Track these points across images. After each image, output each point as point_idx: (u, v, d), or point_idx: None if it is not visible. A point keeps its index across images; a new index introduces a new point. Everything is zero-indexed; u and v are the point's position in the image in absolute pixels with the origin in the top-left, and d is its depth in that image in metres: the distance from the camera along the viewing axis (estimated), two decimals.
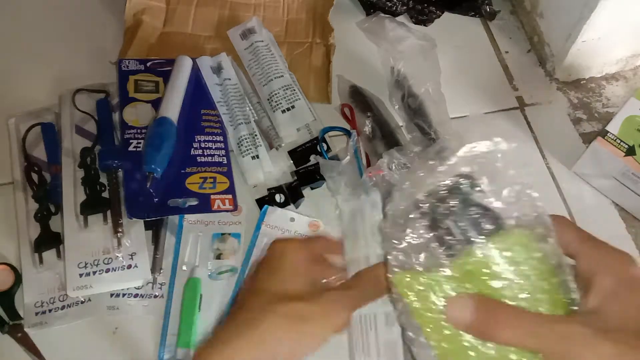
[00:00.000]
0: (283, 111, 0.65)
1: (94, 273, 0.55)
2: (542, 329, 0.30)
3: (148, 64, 0.66)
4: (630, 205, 0.63)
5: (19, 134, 0.63)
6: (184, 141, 0.61)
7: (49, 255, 0.57)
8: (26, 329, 0.54)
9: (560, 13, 0.71)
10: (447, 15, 0.77)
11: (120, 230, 0.57)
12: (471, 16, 0.78)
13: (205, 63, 0.68)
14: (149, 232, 0.58)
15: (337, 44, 0.72)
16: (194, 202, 0.58)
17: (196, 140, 0.63)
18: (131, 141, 0.61)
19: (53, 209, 0.59)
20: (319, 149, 0.64)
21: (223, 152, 0.63)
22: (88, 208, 0.58)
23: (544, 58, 0.75)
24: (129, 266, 0.56)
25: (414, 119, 0.65)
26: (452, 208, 0.32)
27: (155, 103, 0.63)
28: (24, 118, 0.64)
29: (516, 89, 0.73)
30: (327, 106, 0.69)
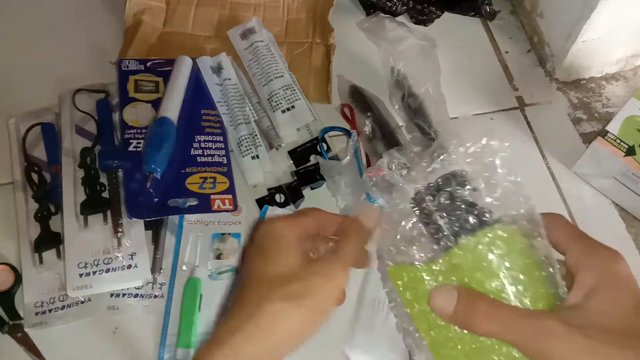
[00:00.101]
0: (283, 111, 0.65)
1: (94, 273, 0.55)
2: (518, 323, 0.31)
3: (148, 64, 0.66)
4: (630, 205, 0.63)
5: (19, 134, 0.63)
6: (184, 141, 0.61)
7: (49, 255, 0.57)
8: (26, 329, 0.54)
9: (560, 13, 0.71)
10: (447, 15, 0.77)
11: (120, 230, 0.57)
12: (471, 16, 0.78)
13: (205, 63, 0.68)
14: (149, 232, 0.58)
15: (337, 44, 0.72)
16: (194, 202, 0.58)
17: (196, 140, 0.63)
18: (131, 141, 0.61)
19: (53, 209, 0.59)
20: (319, 149, 0.64)
21: (223, 152, 0.63)
22: (88, 208, 0.58)
23: (544, 58, 0.75)
24: (129, 266, 0.56)
25: (414, 119, 0.65)
26: (442, 205, 0.34)
27: (155, 103, 0.63)
28: (24, 118, 0.64)
29: (516, 89, 0.73)
30: (327, 106, 0.69)
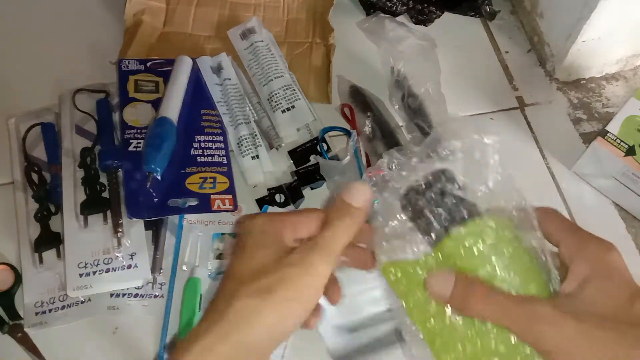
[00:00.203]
0: (283, 111, 0.65)
1: (94, 273, 0.55)
2: (513, 308, 0.32)
3: (148, 64, 0.66)
4: (630, 205, 0.63)
5: (19, 134, 0.63)
6: (184, 141, 0.61)
7: (49, 255, 0.57)
8: (26, 329, 0.54)
9: (560, 13, 0.71)
10: (447, 15, 0.77)
11: (120, 230, 0.57)
12: (471, 16, 0.78)
13: (205, 63, 0.68)
14: (149, 232, 0.58)
15: (337, 44, 0.72)
16: (194, 202, 0.58)
17: (196, 140, 0.63)
18: (131, 141, 0.61)
19: (53, 209, 0.59)
20: (319, 149, 0.64)
21: (223, 152, 0.63)
22: (88, 208, 0.58)
23: (544, 58, 0.75)
24: (129, 266, 0.56)
25: (414, 119, 0.65)
26: (432, 199, 0.35)
27: (155, 103, 0.63)
28: (24, 118, 0.64)
29: (516, 89, 0.73)
30: (327, 106, 0.69)
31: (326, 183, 0.63)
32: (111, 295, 0.55)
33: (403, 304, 0.36)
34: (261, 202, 0.62)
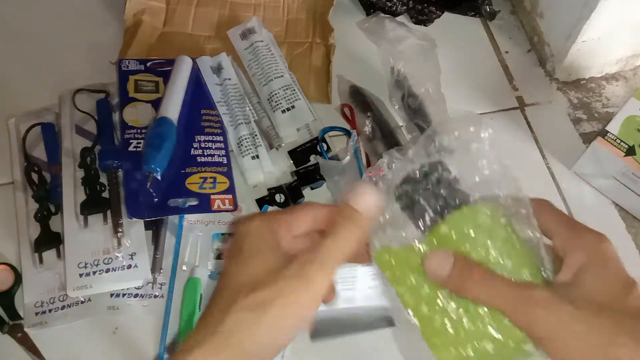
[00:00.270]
0: (283, 111, 0.65)
1: (94, 273, 0.55)
2: (510, 291, 0.32)
3: (148, 64, 0.66)
4: (630, 205, 0.63)
5: (19, 134, 0.63)
6: (184, 141, 0.61)
7: (49, 255, 0.57)
8: (26, 329, 0.54)
9: (560, 13, 0.71)
10: (447, 15, 0.77)
11: (120, 230, 0.57)
12: (471, 16, 0.78)
13: (205, 63, 0.68)
14: (149, 232, 0.58)
15: (337, 44, 0.72)
16: (194, 202, 0.58)
17: (196, 140, 0.63)
18: (131, 141, 0.61)
19: (53, 209, 0.59)
20: (319, 149, 0.64)
21: (223, 152, 0.63)
22: (88, 208, 0.58)
23: (544, 58, 0.75)
24: (129, 266, 0.56)
25: (414, 119, 0.65)
26: (427, 188, 0.35)
27: (155, 103, 0.63)
28: (24, 118, 0.64)
29: (516, 89, 0.73)
30: (327, 106, 0.69)
31: (326, 183, 0.63)
32: (111, 295, 0.56)
33: (395, 290, 0.36)
34: (261, 202, 0.62)
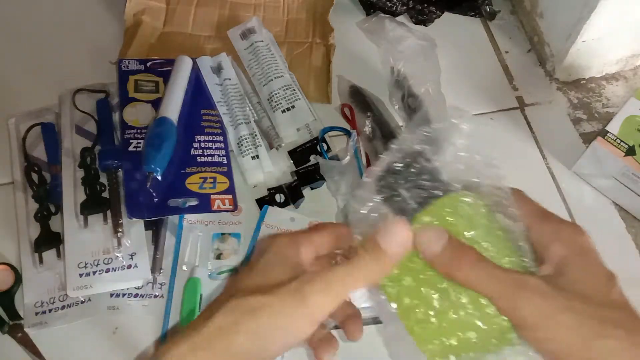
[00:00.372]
0: (283, 111, 0.65)
1: (94, 273, 0.55)
2: (502, 276, 0.32)
3: (148, 64, 0.66)
4: (630, 205, 0.63)
5: (19, 134, 0.63)
6: (184, 141, 0.61)
7: (49, 255, 0.57)
8: (26, 329, 0.54)
9: (560, 13, 0.71)
10: (447, 15, 0.77)
11: (120, 230, 0.57)
12: (471, 16, 0.78)
13: (205, 63, 0.68)
14: (149, 232, 0.58)
15: (337, 44, 0.72)
16: (194, 202, 0.58)
17: (196, 140, 0.63)
18: (131, 141, 0.61)
19: (53, 209, 0.59)
20: (319, 149, 0.64)
21: (223, 152, 0.63)
22: (88, 208, 0.58)
23: (544, 58, 0.75)
24: (129, 266, 0.56)
25: None
26: (408, 179, 0.36)
27: (155, 103, 0.63)
28: (24, 118, 0.64)
29: (516, 89, 0.73)
30: (327, 106, 0.69)
31: (326, 183, 0.63)
32: (111, 295, 0.56)
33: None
34: (261, 202, 0.62)
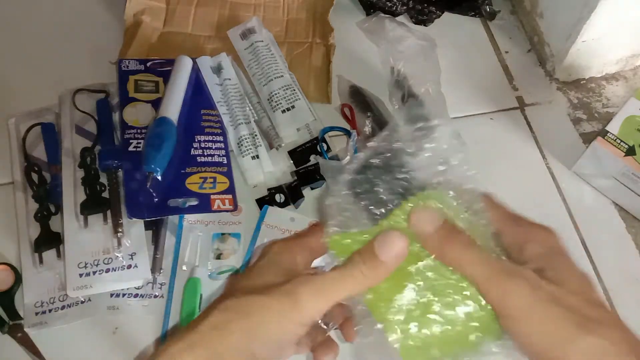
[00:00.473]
0: (283, 111, 0.65)
1: (94, 273, 0.55)
2: (493, 261, 0.32)
3: (148, 64, 0.66)
4: (630, 205, 0.63)
5: (19, 134, 0.63)
6: (184, 141, 0.61)
7: (49, 255, 0.57)
8: (26, 329, 0.54)
9: (560, 13, 0.71)
10: (447, 15, 0.78)
11: (120, 230, 0.57)
12: (471, 16, 0.78)
13: (205, 63, 0.68)
14: (149, 232, 0.58)
15: (337, 44, 0.72)
16: (194, 202, 0.58)
17: (196, 140, 0.63)
18: (131, 141, 0.61)
19: (53, 209, 0.59)
20: (319, 149, 0.64)
21: (223, 152, 0.63)
22: (88, 208, 0.58)
23: (544, 58, 0.75)
24: (129, 266, 0.56)
25: None
26: (384, 176, 0.36)
27: (155, 103, 0.63)
28: (24, 118, 0.64)
29: (516, 89, 0.73)
30: (327, 106, 0.69)
31: (326, 183, 0.63)
32: (111, 295, 0.56)
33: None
34: (261, 202, 0.62)
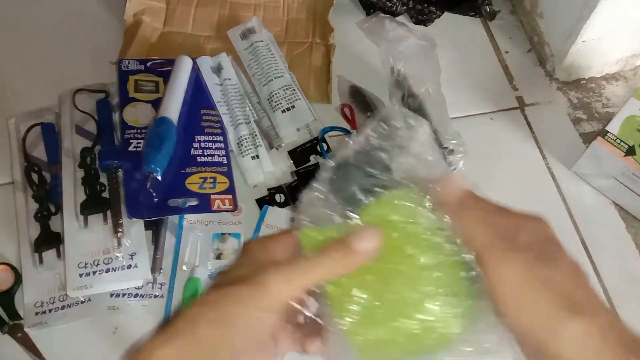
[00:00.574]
0: (283, 111, 0.65)
1: (94, 273, 0.55)
2: (497, 233, 0.32)
3: (148, 64, 0.66)
4: (630, 205, 0.63)
5: (19, 134, 0.63)
6: (184, 141, 0.61)
7: (49, 255, 0.57)
8: (26, 329, 0.54)
9: (560, 13, 0.71)
10: (447, 15, 0.78)
11: (120, 230, 0.57)
12: (471, 16, 0.78)
13: (205, 63, 0.68)
14: (149, 232, 0.58)
15: (337, 44, 0.72)
16: (194, 202, 0.58)
17: (196, 140, 0.63)
18: (131, 141, 0.61)
19: (53, 209, 0.59)
20: (319, 149, 0.64)
21: (223, 152, 0.63)
22: (88, 208, 0.58)
23: (544, 58, 0.75)
24: (129, 266, 0.56)
25: None
26: (357, 173, 0.37)
27: (155, 103, 0.63)
28: (24, 118, 0.64)
29: (516, 89, 0.73)
30: (327, 106, 0.69)
31: None
32: (111, 295, 0.56)
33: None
34: (261, 202, 0.62)
